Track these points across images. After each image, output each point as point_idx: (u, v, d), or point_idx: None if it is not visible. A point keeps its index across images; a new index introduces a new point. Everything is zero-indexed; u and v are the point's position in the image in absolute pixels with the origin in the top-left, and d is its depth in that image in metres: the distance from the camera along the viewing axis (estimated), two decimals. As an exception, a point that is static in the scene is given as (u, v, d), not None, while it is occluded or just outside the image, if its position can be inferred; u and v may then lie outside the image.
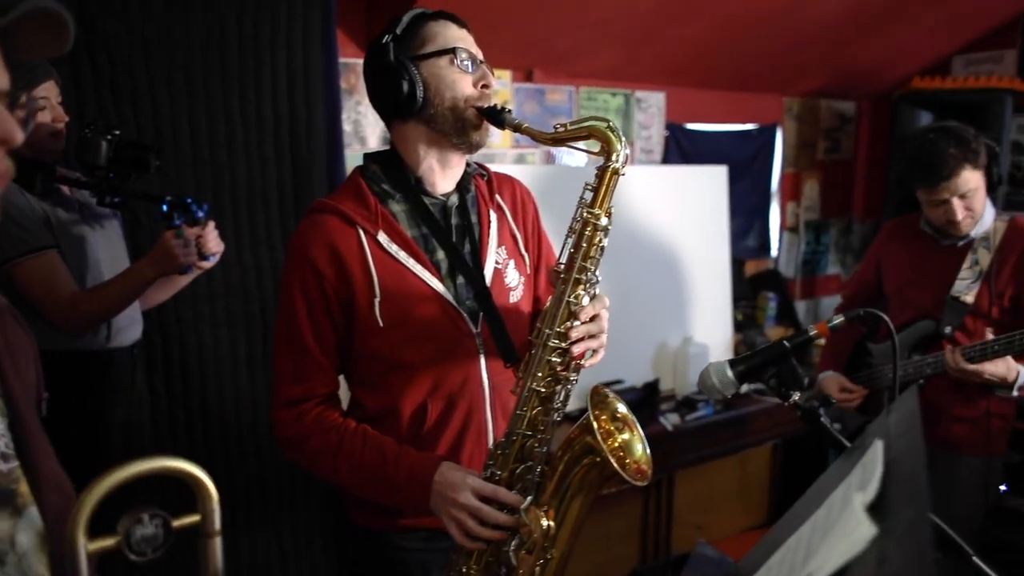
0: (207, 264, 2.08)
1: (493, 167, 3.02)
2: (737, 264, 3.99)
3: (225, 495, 1.99)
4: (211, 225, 2.06)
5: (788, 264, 4.57)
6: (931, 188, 2.24)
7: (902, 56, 4.19)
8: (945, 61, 4.30)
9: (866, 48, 3.93)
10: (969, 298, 2.29)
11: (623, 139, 1.35)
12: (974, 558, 1.26)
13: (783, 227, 4.50)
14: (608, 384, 3.12)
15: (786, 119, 4.40)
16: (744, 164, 4.17)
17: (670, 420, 2.92)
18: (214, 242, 2.06)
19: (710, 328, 3.56)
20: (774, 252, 4.46)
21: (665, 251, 3.36)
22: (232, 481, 2.67)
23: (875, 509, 0.76)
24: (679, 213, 3.41)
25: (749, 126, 4.20)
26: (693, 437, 3.00)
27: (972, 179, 2.20)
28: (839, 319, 1.27)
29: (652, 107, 3.76)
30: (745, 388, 3.32)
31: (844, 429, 2.60)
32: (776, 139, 4.32)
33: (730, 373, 1.29)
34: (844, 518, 0.76)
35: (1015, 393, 2.17)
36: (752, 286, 4.09)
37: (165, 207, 1.99)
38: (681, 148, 3.87)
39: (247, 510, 2.71)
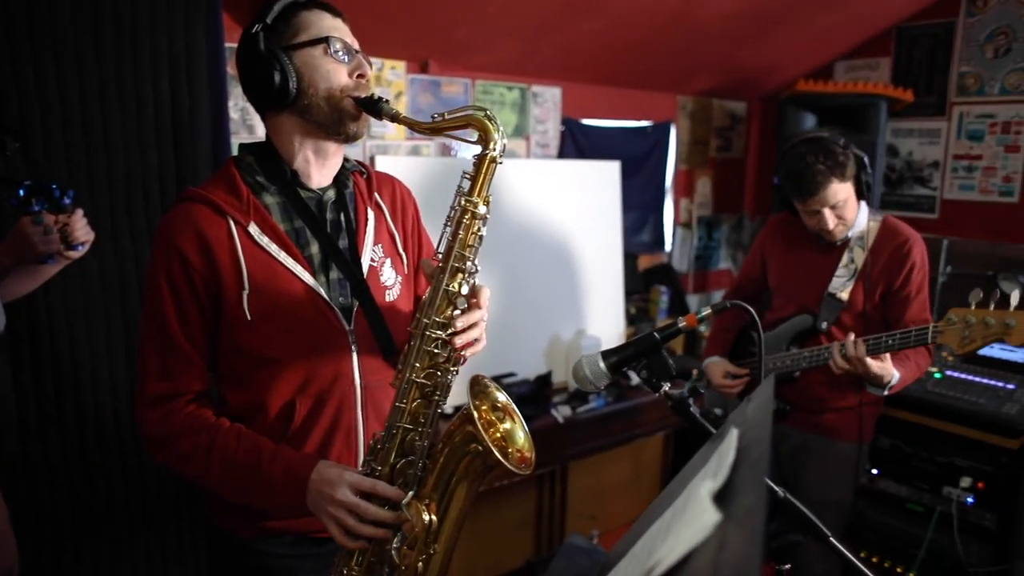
0: (75, 254, 1.96)
1: (388, 159, 3.00)
2: (631, 258, 4.07)
3: (103, 497, 1.90)
4: (79, 212, 1.94)
5: (681, 259, 4.69)
6: (804, 201, 2.35)
7: (790, 59, 4.36)
8: (828, 66, 4.50)
9: (756, 50, 4.07)
10: (844, 295, 2.40)
11: (500, 128, 1.37)
12: (831, 539, 1.32)
13: (677, 222, 4.62)
14: (500, 377, 3.14)
15: (680, 117, 4.51)
16: (639, 160, 4.25)
17: (561, 412, 2.96)
18: (82, 230, 1.95)
19: (603, 321, 3.62)
20: (668, 247, 4.57)
21: (559, 245, 3.40)
22: (110, 483, 2.54)
23: (723, 496, 0.79)
24: (573, 207, 3.45)
25: (644, 123, 4.29)
26: (585, 428, 3.05)
27: (840, 191, 2.31)
28: (707, 311, 1.30)
29: (548, 102, 3.79)
30: (636, 380, 3.39)
31: (726, 414, 2.70)
32: (670, 136, 4.43)
33: (602, 364, 1.31)
34: (693, 505, 0.77)
35: (885, 392, 2.32)
36: (645, 280, 4.18)
37: (22, 191, 1.86)
38: (577, 143, 3.91)
39: (127, 512, 2.59)
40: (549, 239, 3.37)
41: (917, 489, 3.18)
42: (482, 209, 1.36)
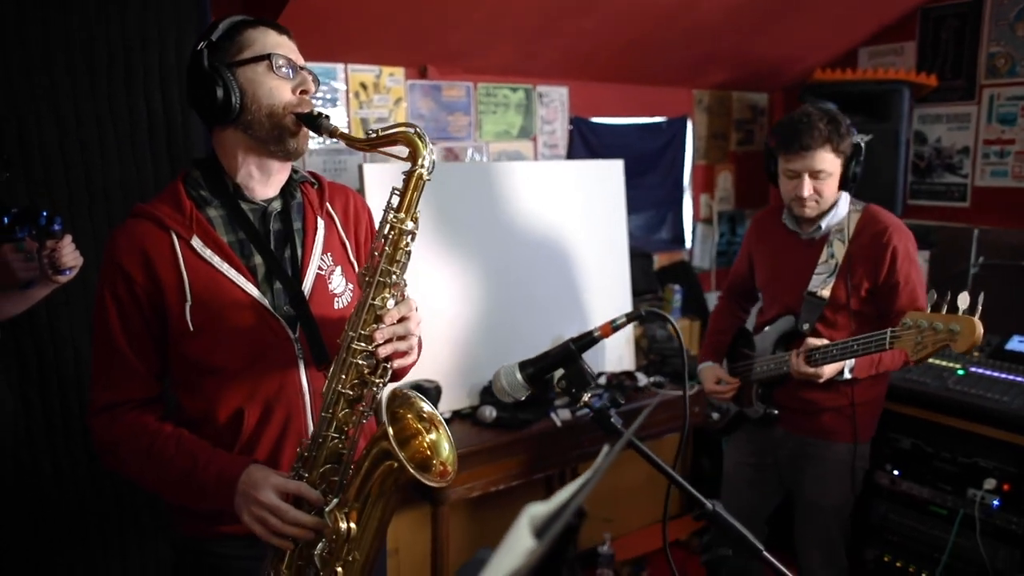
0: (63, 278, 2.03)
1: (378, 166, 2.99)
2: (645, 257, 3.99)
3: (106, 504, 1.95)
4: (67, 238, 2.01)
5: (703, 256, 4.60)
6: (789, 156, 2.29)
7: (810, 48, 4.22)
8: (852, 53, 4.35)
9: (770, 40, 3.96)
10: (825, 292, 2.32)
11: (429, 145, 1.40)
12: (763, 553, 1.28)
13: (696, 219, 4.53)
14: (501, 380, 3.12)
15: (696, 111, 4.42)
16: (654, 156, 4.18)
17: (560, 416, 2.92)
18: (70, 256, 2.01)
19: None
20: (688, 244, 4.49)
21: (562, 245, 3.36)
22: (116, 490, 2.62)
23: (552, 520, 0.77)
24: (576, 207, 3.41)
25: (658, 119, 4.21)
26: (587, 431, 3.00)
27: (828, 161, 2.25)
28: (621, 319, 1.28)
29: (555, 101, 3.75)
30: (644, 381, 3.34)
31: (722, 419, 2.64)
32: (687, 131, 4.34)
33: (519, 376, 1.29)
34: (515, 529, 0.75)
35: (847, 375, 2.29)
36: (660, 279, 4.10)
37: (7, 219, 1.92)
38: (587, 142, 3.86)
39: (135, 519, 2.66)
40: (552, 239, 3.34)
41: (940, 491, 3.06)
42: (409, 225, 1.39)
